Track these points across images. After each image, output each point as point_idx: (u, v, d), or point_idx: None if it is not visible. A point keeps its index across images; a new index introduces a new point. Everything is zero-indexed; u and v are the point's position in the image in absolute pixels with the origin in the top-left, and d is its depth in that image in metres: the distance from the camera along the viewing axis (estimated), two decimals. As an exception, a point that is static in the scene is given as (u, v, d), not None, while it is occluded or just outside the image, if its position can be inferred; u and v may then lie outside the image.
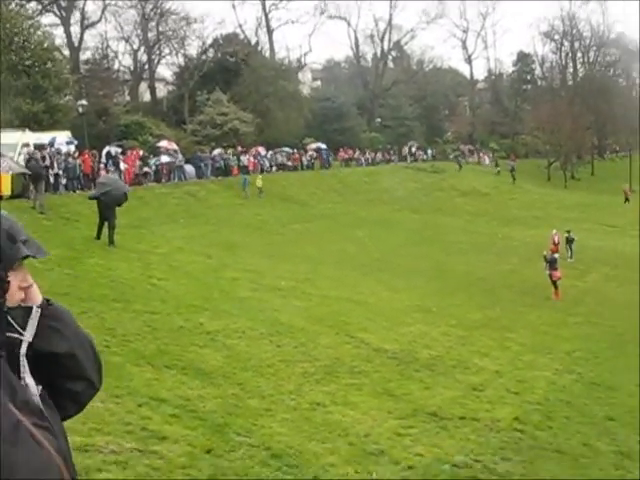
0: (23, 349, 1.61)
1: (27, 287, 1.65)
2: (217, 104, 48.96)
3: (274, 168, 44.54)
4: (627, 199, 49.59)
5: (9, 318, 1.59)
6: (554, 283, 21.67)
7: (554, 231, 29.29)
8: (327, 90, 68.61)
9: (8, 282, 1.57)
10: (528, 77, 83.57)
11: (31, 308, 1.64)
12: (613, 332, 17.36)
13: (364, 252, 26.48)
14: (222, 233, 26.72)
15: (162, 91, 62.21)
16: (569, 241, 29.07)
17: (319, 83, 79.36)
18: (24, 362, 1.61)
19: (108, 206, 18.97)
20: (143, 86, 61.23)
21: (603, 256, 30.17)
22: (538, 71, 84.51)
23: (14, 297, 1.61)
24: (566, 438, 8.76)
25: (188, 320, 12.18)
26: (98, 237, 19.55)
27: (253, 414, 7.79)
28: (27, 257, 1.62)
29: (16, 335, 1.60)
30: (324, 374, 10.06)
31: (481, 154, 66.56)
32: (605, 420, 9.89)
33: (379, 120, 66.88)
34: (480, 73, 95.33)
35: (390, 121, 66.17)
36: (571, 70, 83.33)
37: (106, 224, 19.25)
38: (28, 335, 1.62)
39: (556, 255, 22.14)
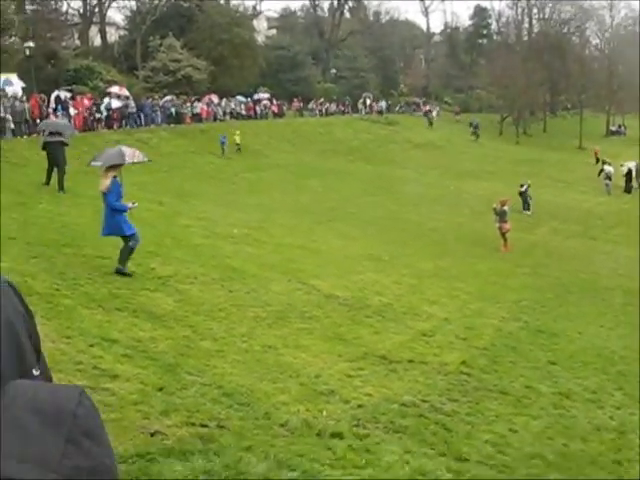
0: None
1: None
2: (170, 50, 47.84)
3: (227, 117, 44.02)
4: (598, 159, 46.31)
5: None
6: (503, 235, 22.06)
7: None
8: (282, 39, 67.52)
9: None
10: (484, 31, 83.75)
11: None
12: (558, 283, 17.84)
13: (317, 201, 26.52)
14: (174, 181, 26.44)
15: (113, 36, 60.45)
16: (522, 194, 29.59)
17: (274, 32, 78.07)
18: None
19: (57, 151, 18.59)
20: (93, 30, 59.29)
21: (552, 210, 30.81)
22: (494, 26, 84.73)
23: None
24: (510, 381, 9.04)
25: (140, 265, 12.10)
26: (47, 183, 19.19)
27: (205, 355, 7.84)
28: None
29: None
30: (275, 319, 10.15)
31: (426, 106, 65.62)
32: (548, 365, 10.21)
33: (334, 71, 66.34)
34: (436, 26, 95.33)
35: (345, 72, 65.69)
36: (527, 26, 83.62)
37: (55, 170, 18.90)
38: None
39: (506, 208, 22.47)
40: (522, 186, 30.01)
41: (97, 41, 59.16)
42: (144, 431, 5.31)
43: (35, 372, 1.44)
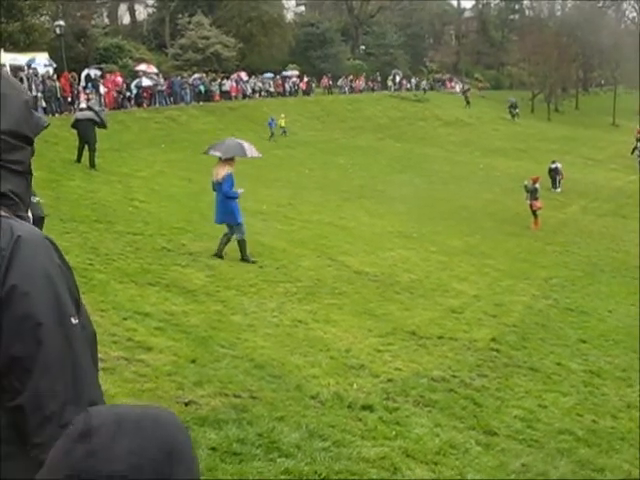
0: None
1: None
2: (199, 27, 47.80)
3: (256, 94, 43.96)
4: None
5: None
6: (534, 213, 21.90)
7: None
8: (311, 16, 67.15)
9: None
10: (516, 7, 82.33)
11: None
12: (588, 261, 17.70)
13: (346, 179, 26.48)
14: (203, 158, 26.41)
15: (142, 13, 60.68)
16: (552, 171, 29.24)
17: (303, 8, 77.65)
18: None
19: (88, 129, 18.76)
20: (122, 8, 59.63)
21: (583, 188, 30.46)
22: (526, 1, 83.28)
23: None
24: (540, 358, 9.03)
25: (170, 241, 12.27)
26: (78, 160, 19.40)
27: (236, 329, 7.94)
28: None
29: None
30: (305, 294, 10.22)
31: (451, 83, 64.60)
32: (578, 342, 10.18)
33: (363, 47, 65.82)
34: (467, 2, 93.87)
35: (374, 49, 65.13)
36: (560, 0, 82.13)
37: (86, 147, 19.10)
38: None
39: (537, 185, 22.26)
40: (553, 162, 29.66)
41: (126, 19, 59.54)
42: (178, 401, 5.42)
43: (74, 320, 1.52)
